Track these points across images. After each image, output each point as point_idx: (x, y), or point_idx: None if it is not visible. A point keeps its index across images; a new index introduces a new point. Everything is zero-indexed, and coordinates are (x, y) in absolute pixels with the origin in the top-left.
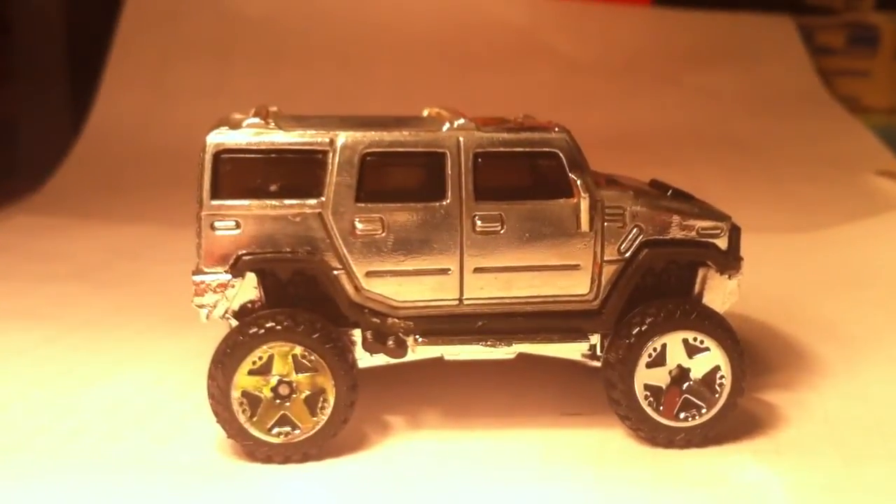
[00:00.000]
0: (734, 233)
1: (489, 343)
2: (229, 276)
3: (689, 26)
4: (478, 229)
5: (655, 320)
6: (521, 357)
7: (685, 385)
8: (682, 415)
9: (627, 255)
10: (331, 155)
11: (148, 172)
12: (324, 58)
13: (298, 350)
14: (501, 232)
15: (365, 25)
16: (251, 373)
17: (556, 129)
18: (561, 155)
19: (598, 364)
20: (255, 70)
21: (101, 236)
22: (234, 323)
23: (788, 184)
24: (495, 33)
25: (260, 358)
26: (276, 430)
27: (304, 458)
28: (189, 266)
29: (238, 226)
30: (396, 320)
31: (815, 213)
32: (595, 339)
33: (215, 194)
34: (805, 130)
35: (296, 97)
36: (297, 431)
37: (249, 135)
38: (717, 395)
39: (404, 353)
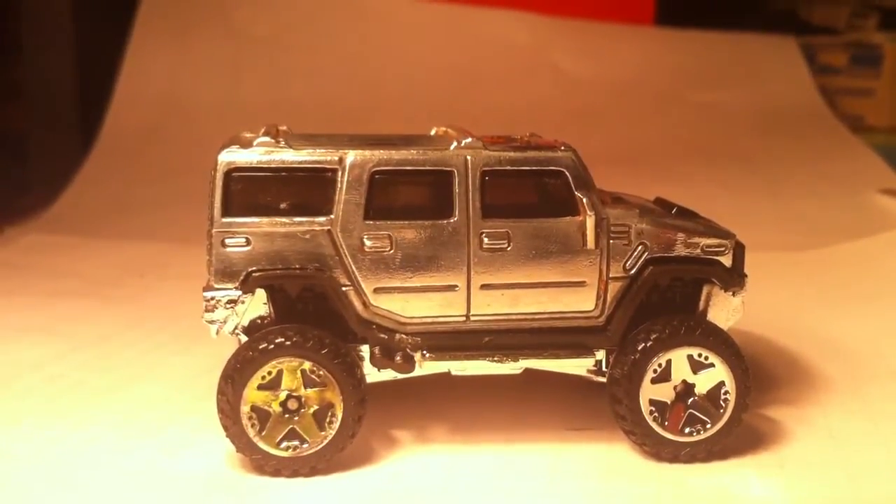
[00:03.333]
0: (738, 250)
1: (496, 358)
2: (239, 293)
3: (692, 46)
4: (485, 247)
5: (660, 336)
6: (527, 372)
7: (690, 400)
8: (687, 430)
9: (632, 272)
10: (340, 173)
11: (157, 190)
12: (330, 76)
13: (307, 365)
14: (508, 249)
15: (371, 43)
16: (260, 387)
17: (563, 147)
18: (567, 173)
19: (603, 379)
20: (263, 88)
21: (112, 253)
22: (244, 339)
23: (792, 202)
24: (500, 52)
25: (269, 373)
26: (284, 444)
27: (313, 471)
28: (198, 283)
29: (248, 242)
30: (404, 336)
31: (818, 231)
32: (600, 354)
33: (226, 212)
34: (808, 149)
35: (303, 114)
36: (305, 445)
37: (260, 153)
38: (721, 411)
39: (412, 369)
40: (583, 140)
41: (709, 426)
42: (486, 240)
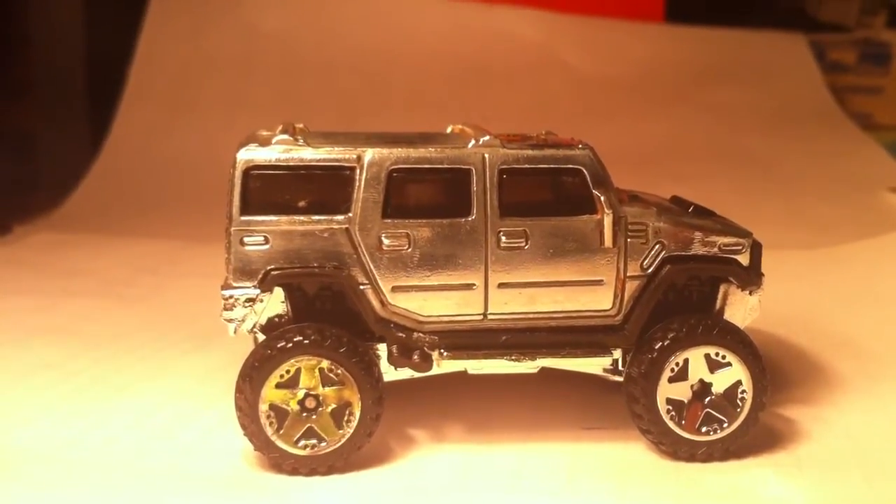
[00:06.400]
0: (755, 249)
1: (513, 357)
2: (258, 291)
3: (702, 43)
4: (502, 245)
5: (678, 335)
6: (543, 371)
7: (707, 399)
8: (703, 429)
9: (650, 270)
10: (358, 171)
11: (168, 188)
12: (340, 72)
13: (325, 364)
14: (526, 248)
15: (381, 40)
16: (278, 386)
17: (580, 145)
18: (585, 171)
19: (619, 379)
20: (274, 84)
21: (123, 251)
22: (262, 337)
23: (802, 200)
24: (510, 48)
25: (287, 371)
26: (302, 443)
27: (330, 470)
28: (212, 280)
29: (267, 241)
30: (422, 335)
31: (829, 229)
32: (617, 353)
33: (245, 210)
34: (818, 147)
35: (314, 111)
36: (323, 444)
37: (278, 151)
38: (738, 410)
39: (429, 368)
40: (592, 137)
41: (726, 425)
42: (503, 238)
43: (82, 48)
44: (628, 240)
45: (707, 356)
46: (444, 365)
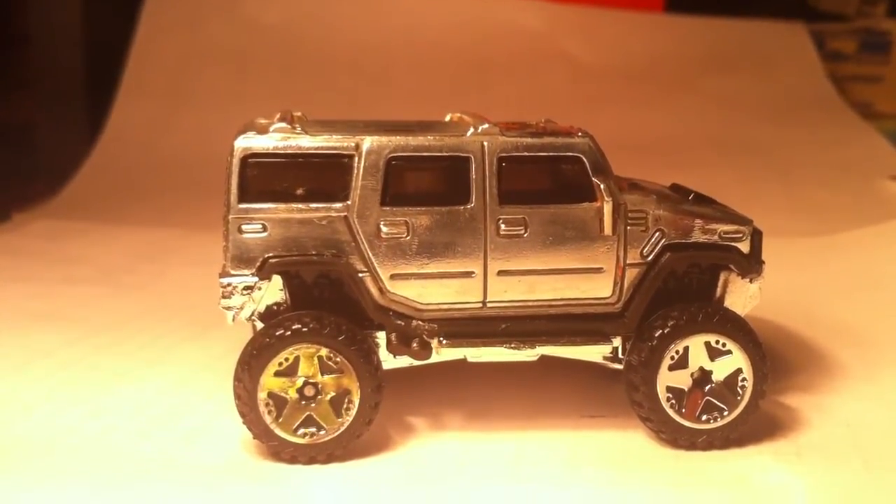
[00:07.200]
0: (756, 237)
1: (513, 345)
2: (256, 279)
3: (702, 33)
4: (501, 233)
5: (678, 323)
6: (542, 360)
7: (707, 387)
8: (703, 417)
9: (650, 258)
10: (356, 159)
11: (165, 177)
12: (340, 64)
13: (324, 352)
14: (525, 235)
15: (381, 31)
16: (277, 374)
17: (580, 133)
18: (584, 159)
19: (619, 366)
20: (272, 76)
21: (121, 240)
22: (260, 325)
23: (802, 188)
24: (510, 39)
25: (286, 359)
26: (301, 431)
27: (329, 458)
28: (209, 269)
29: (265, 229)
30: (421, 322)
31: (829, 217)
32: (617, 341)
33: (242, 198)
34: (818, 136)
35: (312, 103)
36: (322, 432)
37: (276, 139)
38: (738, 398)
39: (428, 356)
40: (592, 127)
41: (726, 413)
42: (502, 226)
43: (80, 38)
44: (628, 227)
45: (707, 344)
46: (443, 353)
